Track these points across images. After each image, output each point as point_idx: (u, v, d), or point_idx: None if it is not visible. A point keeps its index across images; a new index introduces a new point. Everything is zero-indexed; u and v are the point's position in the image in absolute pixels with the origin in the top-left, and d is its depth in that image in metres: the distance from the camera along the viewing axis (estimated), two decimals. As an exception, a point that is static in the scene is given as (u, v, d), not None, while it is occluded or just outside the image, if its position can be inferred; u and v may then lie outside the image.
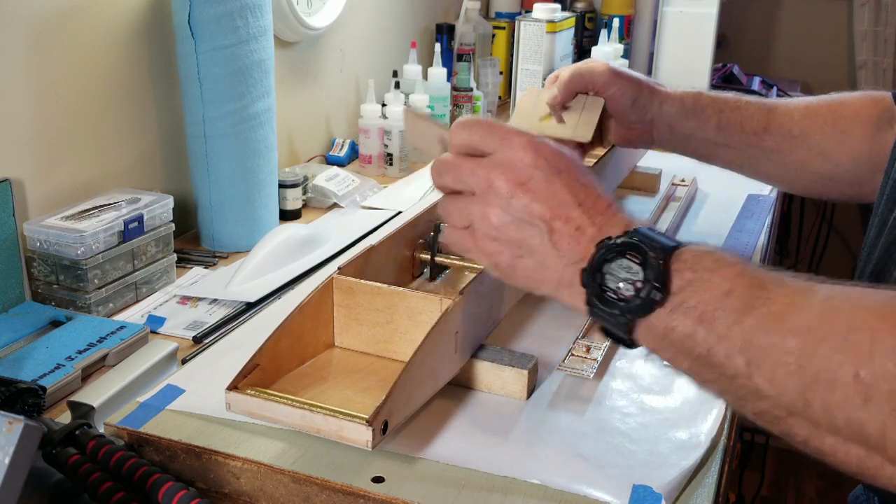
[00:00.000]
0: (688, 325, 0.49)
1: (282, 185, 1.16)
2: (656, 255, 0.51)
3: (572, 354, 0.76)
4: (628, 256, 0.51)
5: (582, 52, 1.97)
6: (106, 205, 0.93)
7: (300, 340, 0.69)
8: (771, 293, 0.48)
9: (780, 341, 0.46)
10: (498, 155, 0.56)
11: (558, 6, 1.50)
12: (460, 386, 0.72)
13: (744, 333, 0.48)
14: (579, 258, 0.54)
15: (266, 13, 1.02)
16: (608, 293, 0.52)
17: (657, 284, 0.50)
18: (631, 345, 0.53)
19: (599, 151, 1.06)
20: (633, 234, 0.52)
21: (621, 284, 0.51)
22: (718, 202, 1.23)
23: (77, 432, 0.61)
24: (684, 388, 0.74)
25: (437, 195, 0.64)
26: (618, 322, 0.52)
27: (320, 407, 0.59)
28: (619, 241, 0.52)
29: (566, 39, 1.53)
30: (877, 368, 0.43)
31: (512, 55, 1.55)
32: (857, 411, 0.43)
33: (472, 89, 1.62)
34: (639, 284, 0.51)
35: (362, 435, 0.57)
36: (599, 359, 0.75)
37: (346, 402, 0.64)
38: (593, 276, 0.53)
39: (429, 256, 0.87)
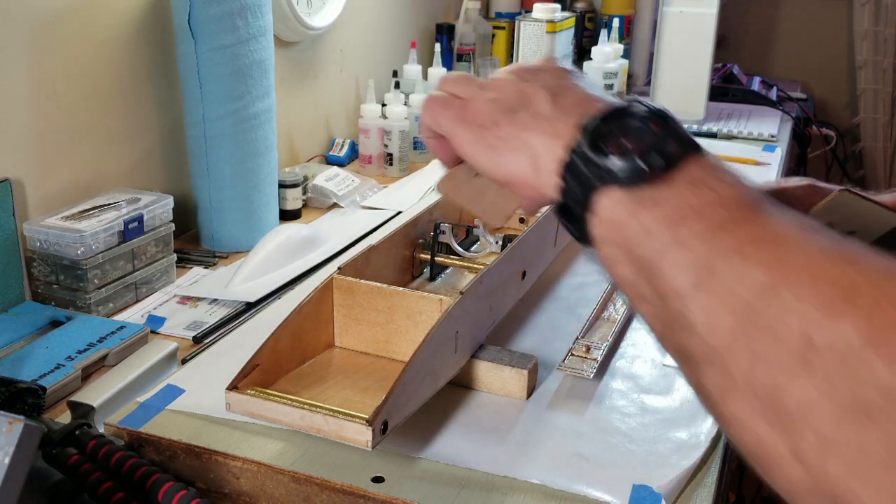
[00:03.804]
0: (654, 219, 0.42)
1: (282, 185, 1.16)
2: (681, 136, 0.44)
3: (572, 354, 0.76)
4: (650, 122, 0.44)
5: (582, 52, 1.97)
6: (106, 205, 0.93)
7: (300, 340, 0.69)
8: (769, 218, 0.40)
9: (744, 270, 0.38)
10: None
11: (558, 6, 1.50)
12: (460, 386, 0.72)
13: (712, 250, 0.40)
14: (585, 114, 0.47)
15: (266, 13, 1.02)
16: (608, 140, 0.44)
17: (665, 157, 0.43)
18: (579, 225, 0.46)
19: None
20: (662, 112, 0.45)
21: (624, 140, 0.44)
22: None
23: (77, 432, 0.61)
24: (684, 388, 0.74)
25: (437, 195, 0.64)
26: (587, 183, 0.44)
27: (320, 407, 0.59)
28: (644, 105, 0.46)
29: (566, 39, 1.53)
30: (834, 335, 0.34)
31: (512, 55, 1.55)
32: (785, 375, 0.35)
33: (472, 89, 1.62)
34: (646, 145, 0.43)
35: (362, 435, 0.57)
36: (599, 359, 0.75)
37: (346, 402, 0.64)
38: (595, 123, 0.46)
39: (429, 256, 0.87)
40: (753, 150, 1.54)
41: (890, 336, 0.33)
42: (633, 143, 0.44)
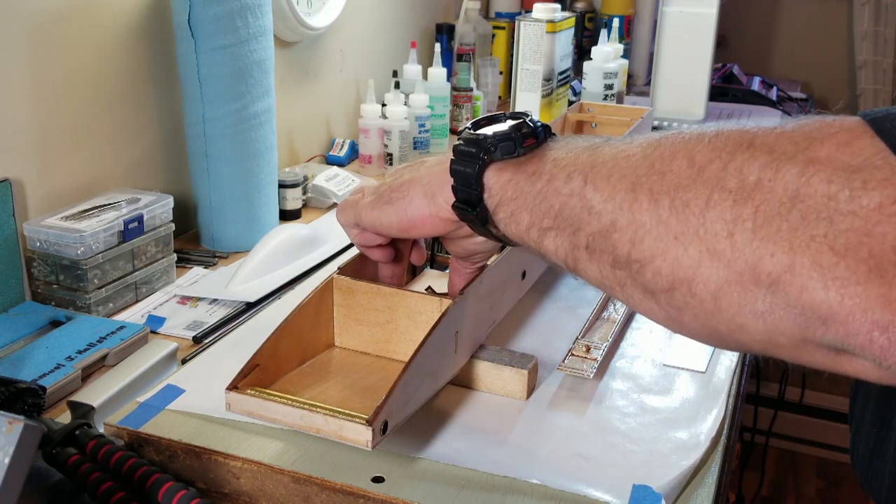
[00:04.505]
0: (535, 165, 0.52)
1: (282, 185, 1.16)
2: (539, 122, 0.55)
3: (572, 354, 0.76)
4: (508, 117, 0.57)
5: (582, 52, 1.97)
6: (106, 205, 0.93)
7: (300, 340, 0.69)
8: (630, 137, 0.50)
9: (623, 151, 0.47)
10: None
11: (558, 6, 1.50)
12: (460, 386, 0.72)
13: (591, 155, 0.49)
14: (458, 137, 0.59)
15: (266, 13, 1.02)
16: (484, 126, 0.56)
17: (534, 131, 0.54)
18: (478, 211, 0.55)
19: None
20: (518, 112, 0.58)
21: (493, 124, 0.56)
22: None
23: (77, 432, 0.61)
24: (684, 388, 0.74)
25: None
26: (474, 159, 0.54)
27: (320, 407, 0.59)
28: (508, 112, 0.58)
29: (566, 39, 1.53)
30: (715, 151, 0.42)
31: (512, 55, 1.55)
32: (683, 192, 0.42)
33: (472, 89, 1.62)
34: (518, 124, 0.55)
35: (362, 435, 0.57)
36: (599, 359, 0.75)
37: (346, 402, 0.64)
38: (474, 122, 0.58)
39: (429, 256, 0.87)
40: (753, 150, 1.54)
41: (759, 139, 0.41)
42: (505, 128, 0.55)
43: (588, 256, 0.48)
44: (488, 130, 0.56)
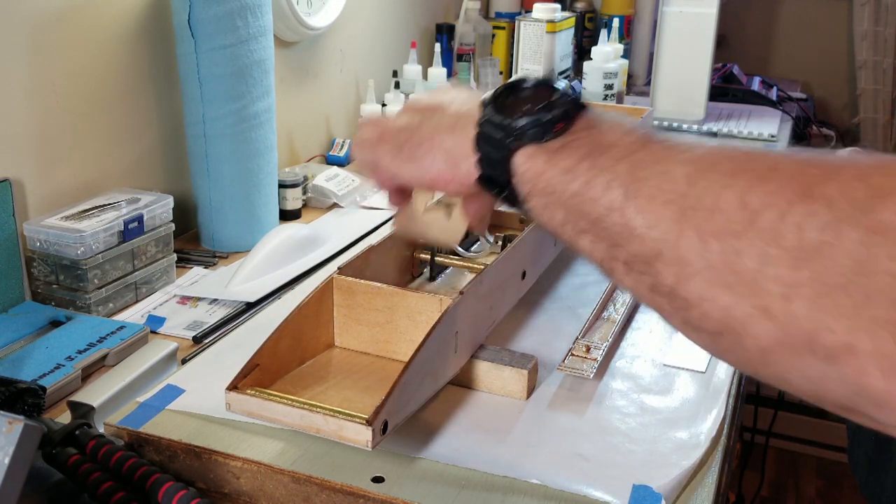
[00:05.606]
0: (571, 160, 0.47)
1: (282, 185, 1.16)
2: (569, 95, 0.50)
3: (572, 354, 0.76)
4: (538, 88, 0.52)
5: (582, 52, 1.97)
6: (106, 205, 0.93)
7: (300, 340, 0.69)
8: (669, 137, 0.46)
9: (666, 170, 0.43)
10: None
11: (558, 6, 1.50)
12: (460, 386, 0.72)
13: (631, 165, 0.44)
14: (481, 99, 0.54)
15: (266, 13, 1.02)
16: (509, 106, 0.51)
17: (564, 111, 0.49)
18: (507, 190, 0.51)
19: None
20: (547, 79, 0.53)
21: (526, 105, 0.50)
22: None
23: (77, 432, 0.61)
24: (684, 388, 0.74)
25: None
26: (501, 145, 0.50)
27: (320, 407, 0.59)
28: (531, 78, 0.53)
29: (566, 39, 1.53)
30: (770, 196, 0.38)
31: (512, 55, 1.55)
32: (736, 239, 0.38)
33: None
34: (542, 104, 0.50)
35: (362, 435, 0.57)
36: (599, 359, 0.75)
37: (346, 402, 0.64)
38: (492, 97, 0.52)
39: (429, 256, 0.87)
40: (753, 150, 1.54)
41: (818, 188, 0.36)
42: (531, 104, 0.50)
43: (625, 271, 0.45)
44: (516, 111, 0.51)
